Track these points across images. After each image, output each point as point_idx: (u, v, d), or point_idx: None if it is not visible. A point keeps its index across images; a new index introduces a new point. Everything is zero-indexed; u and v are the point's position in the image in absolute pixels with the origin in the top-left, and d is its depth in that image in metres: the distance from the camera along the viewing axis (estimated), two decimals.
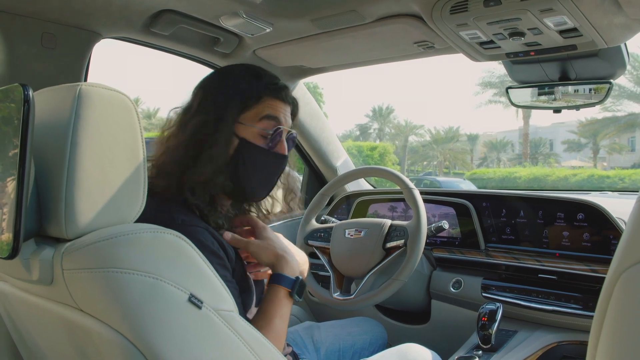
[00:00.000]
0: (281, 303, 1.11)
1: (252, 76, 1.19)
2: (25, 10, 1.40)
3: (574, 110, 1.69)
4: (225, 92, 1.15)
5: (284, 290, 1.12)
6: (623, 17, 1.27)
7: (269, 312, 1.10)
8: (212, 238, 1.03)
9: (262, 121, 1.16)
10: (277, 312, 1.10)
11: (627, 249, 0.54)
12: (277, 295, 1.12)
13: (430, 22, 1.42)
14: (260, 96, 1.16)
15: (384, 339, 1.77)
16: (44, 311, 0.92)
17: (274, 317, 1.09)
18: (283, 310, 1.11)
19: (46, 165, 0.82)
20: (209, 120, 1.12)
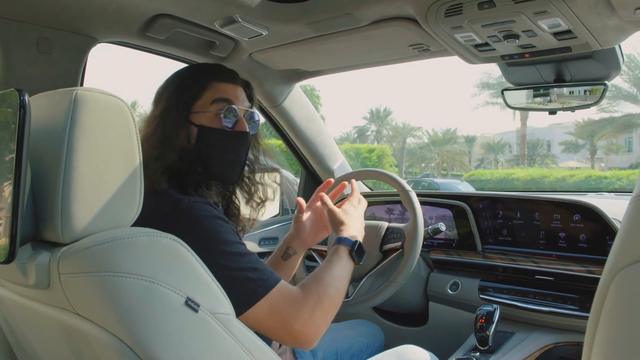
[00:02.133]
0: (342, 258, 1.20)
1: (198, 68, 1.28)
2: (21, 15, 1.41)
3: (570, 111, 1.69)
4: (177, 86, 1.22)
5: (345, 248, 1.22)
6: (616, 19, 1.28)
7: (332, 261, 1.18)
8: (216, 210, 1.07)
9: (213, 105, 1.21)
10: (338, 263, 1.18)
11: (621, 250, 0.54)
12: (338, 251, 1.22)
13: (425, 25, 1.42)
14: (205, 82, 1.22)
15: (381, 341, 1.77)
16: (40, 315, 0.92)
17: (335, 266, 1.17)
18: (343, 262, 1.19)
19: (42, 169, 0.82)
20: (165, 112, 1.19)
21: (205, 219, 1.02)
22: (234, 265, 1.00)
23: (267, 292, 1.01)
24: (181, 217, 1.01)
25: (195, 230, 0.99)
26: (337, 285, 1.13)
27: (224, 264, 0.98)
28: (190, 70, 1.27)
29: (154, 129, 1.18)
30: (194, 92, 1.21)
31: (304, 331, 1.03)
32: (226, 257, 1.00)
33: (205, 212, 1.03)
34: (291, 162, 3.01)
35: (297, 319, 1.02)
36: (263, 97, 2.17)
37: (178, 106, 1.19)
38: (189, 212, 1.02)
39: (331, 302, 1.09)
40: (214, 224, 1.02)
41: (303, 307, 1.04)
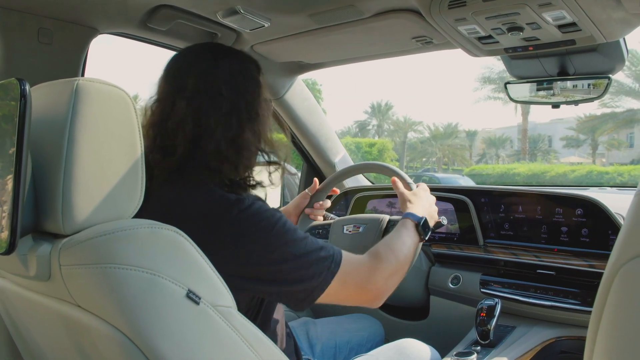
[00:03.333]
0: (409, 229, 1.28)
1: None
2: (21, 5, 1.40)
3: (573, 105, 1.68)
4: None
5: (411, 222, 1.30)
6: (622, 12, 1.27)
7: (400, 231, 1.26)
8: (266, 204, 1.07)
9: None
10: (406, 234, 1.26)
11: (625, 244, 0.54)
12: (406, 223, 1.29)
13: (429, 17, 1.41)
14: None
15: (381, 335, 1.77)
16: (41, 307, 0.92)
17: (403, 235, 1.25)
18: (410, 234, 1.27)
19: (43, 160, 0.82)
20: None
21: (260, 215, 1.01)
22: (304, 250, 1.01)
23: (339, 266, 1.05)
24: (235, 218, 0.99)
25: (253, 227, 0.98)
26: (404, 250, 1.21)
27: (295, 252, 1.00)
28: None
29: (158, 116, 1.11)
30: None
31: (374, 291, 1.12)
32: (295, 245, 1.01)
33: (258, 207, 1.01)
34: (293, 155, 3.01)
35: (368, 281, 1.10)
36: None
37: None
38: (243, 212, 0.99)
39: (399, 264, 1.17)
40: (270, 217, 1.01)
41: (373, 268, 1.11)
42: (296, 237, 1.02)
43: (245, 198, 1.02)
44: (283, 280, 1.00)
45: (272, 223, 1.00)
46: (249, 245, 0.97)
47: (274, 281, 1.00)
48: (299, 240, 1.02)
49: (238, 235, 0.97)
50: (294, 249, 1.00)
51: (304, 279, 1.00)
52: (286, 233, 1.01)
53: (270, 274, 0.99)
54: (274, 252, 0.98)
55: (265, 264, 0.98)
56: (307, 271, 1.00)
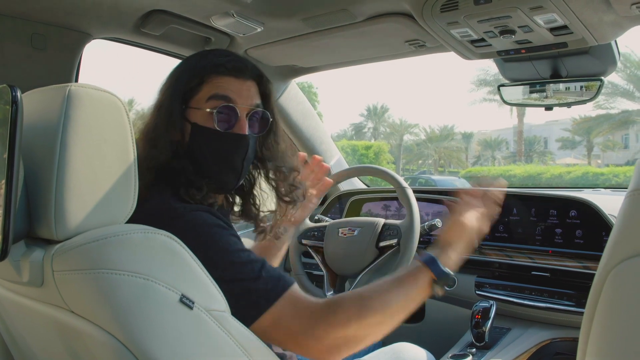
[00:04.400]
0: (418, 282, 1.02)
1: (199, 57, 1.12)
2: (15, 11, 1.40)
3: (566, 107, 1.69)
4: (176, 78, 1.10)
5: (428, 273, 1.04)
6: (613, 15, 1.27)
7: (402, 279, 1.02)
8: (215, 217, 0.98)
9: (209, 102, 1.07)
10: (410, 285, 1.01)
11: (616, 245, 0.54)
12: (417, 274, 1.04)
13: (421, 21, 1.42)
14: (203, 76, 1.08)
15: None
16: (35, 313, 0.91)
17: (403, 286, 1.00)
18: (418, 285, 1.02)
19: (36, 166, 0.82)
20: (161, 108, 1.08)
21: (201, 228, 0.94)
22: (233, 276, 0.92)
23: (271, 304, 0.91)
24: (176, 228, 0.89)
25: (192, 242, 0.88)
26: (392, 304, 0.98)
27: (224, 277, 0.90)
28: (193, 59, 1.12)
29: (148, 124, 1.09)
30: (191, 85, 1.08)
31: (316, 346, 0.92)
32: (225, 269, 0.91)
33: (201, 220, 0.95)
34: None
35: (308, 332, 0.92)
36: None
37: (172, 100, 1.07)
38: (183, 223, 0.94)
39: (372, 323, 0.95)
40: (210, 232, 0.94)
41: (319, 319, 0.92)
42: (229, 259, 0.93)
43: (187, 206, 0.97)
44: (227, 285, 0.90)
45: (207, 238, 0.94)
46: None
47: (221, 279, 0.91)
48: (232, 264, 0.93)
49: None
50: (222, 272, 0.91)
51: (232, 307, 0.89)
52: (218, 251, 0.93)
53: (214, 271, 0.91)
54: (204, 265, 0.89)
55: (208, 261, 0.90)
56: (231, 299, 0.89)
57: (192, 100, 1.09)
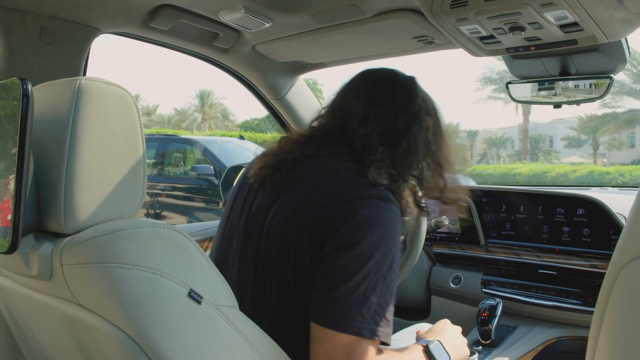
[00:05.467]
0: (413, 352, 1.05)
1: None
2: (24, 5, 1.40)
3: (574, 105, 1.68)
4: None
5: (419, 346, 1.08)
6: (624, 11, 1.26)
7: (403, 353, 1.05)
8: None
9: None
10: (409, 355, 1.04)
11: (627, 244, 0.54)
12: (411, 348, 1.07)
13: (430, 17, 1.41)
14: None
15: None
16: (43, 306, 0.92)
17: (405, 356, 1.03)
18: (414, 356, 1.04)
19: (45, 159, 0.82)
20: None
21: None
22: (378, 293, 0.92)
23: (373, 336, 0.90)
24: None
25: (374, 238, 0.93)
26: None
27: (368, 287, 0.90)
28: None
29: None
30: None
31: None
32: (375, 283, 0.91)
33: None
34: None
35: None
36: (266, 89, 2.16)
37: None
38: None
39: None
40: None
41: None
42: (390, 277, 0.93)
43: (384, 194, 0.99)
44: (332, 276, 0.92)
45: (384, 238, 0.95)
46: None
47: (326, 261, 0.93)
48: (389, 284, 0.93)
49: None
50: (376, 282, 0.91)
51: (344, 307, 0.90)
52: (388, 261, 0.93)
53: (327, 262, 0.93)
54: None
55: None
56: (361, 305, 0.90)
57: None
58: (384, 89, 1.14)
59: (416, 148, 1.08)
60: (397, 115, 1.09)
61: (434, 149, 1.11)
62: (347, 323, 0.89)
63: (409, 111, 1.10)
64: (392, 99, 1.12)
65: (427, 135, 1.10)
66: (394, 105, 1.10)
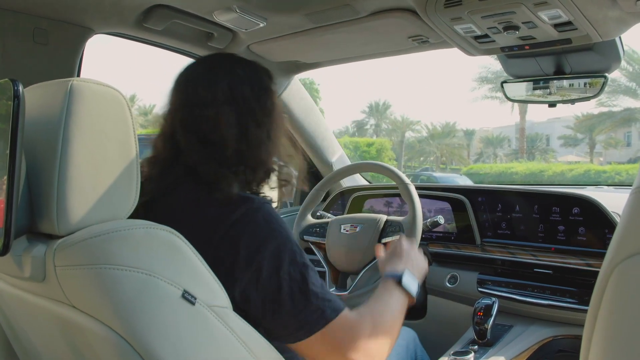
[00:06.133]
0: (389, 289, 1.13)
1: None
2: (16, 5, 1.39)
3: (569, 104, 1.69)
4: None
5: (391, 280, 1.15)
6: (617, 11, 1.27)
7: (379, 292, 1.12)
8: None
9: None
10: (387, 294, 1.11)
11: (621, 242, 0.54)
12: (386, 285, 1.14)
13: (425, 16, 1.41)
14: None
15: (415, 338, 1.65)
16: (36, 308, 0.91)
17: (384, 296, 1.11)
18: (393, 293, 1.12)
19: (38, 161, 0.82)
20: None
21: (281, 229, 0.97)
22: (314, 280, 0.95)
23: (337, 313, 0.95)
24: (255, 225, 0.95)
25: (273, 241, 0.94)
26: (390, 313, 1.08)
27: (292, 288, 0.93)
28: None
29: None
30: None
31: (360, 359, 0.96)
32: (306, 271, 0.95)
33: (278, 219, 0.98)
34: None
35: (353, 347, 0.95)
36: None
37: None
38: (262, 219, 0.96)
39: (387, 330, 1.04)
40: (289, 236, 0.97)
41: (359, 332, 0.97)
42: (308, 263, 0.96)
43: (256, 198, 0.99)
44: (281, 304, 0.92)
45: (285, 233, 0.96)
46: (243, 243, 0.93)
47: (273, 302, 0.93)
48: (309, 268, 0.96)
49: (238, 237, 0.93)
50: (300, 270, 0.94)
51: (301, 309, 0.93)
52: (296, 251, 0.96)
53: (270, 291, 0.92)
54: (282, 266, 0.93)
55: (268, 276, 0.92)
56: (306, 300, 0.92)
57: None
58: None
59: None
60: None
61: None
62: (310, 325, 0.93)
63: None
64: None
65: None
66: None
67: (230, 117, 1.03)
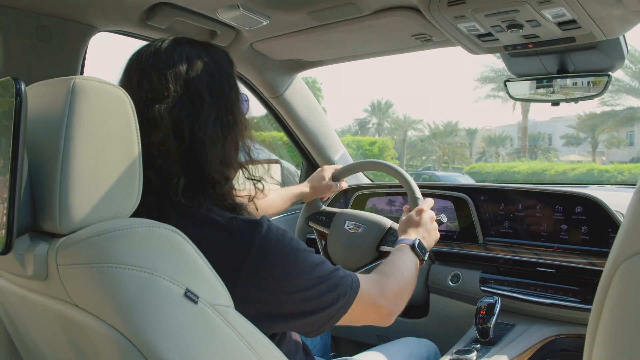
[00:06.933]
0: (404, 252, 1.28)
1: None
2: (20, 3, 1.39)
3: (572, 103, 1.68)
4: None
5: (405, 245, 1.31)
6: (621, 9, 1.26)
7: (395, 254, 1.27)
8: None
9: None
10: (402, 255, 1.27)
11: (624, 241, 0.54)
12: (401, 248, 1.30)
13: (428, 15, 1.41)
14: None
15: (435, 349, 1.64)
16: (39, 307, 0.91)
17: (399, 257, 1.26)
18: (407, 255, 1.28)
19: (40, 159, 0.82)
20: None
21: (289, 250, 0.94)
22: (327, 271, 0.97)
23: (359, 284, 1.03)
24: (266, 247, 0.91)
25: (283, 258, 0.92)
26: (405, 270, 1.21)
27: (322, 275, 0.96)
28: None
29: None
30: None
31: (387, 307, 1.10)
32: (318, 268, 0.96)
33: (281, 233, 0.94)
34: (292, 154, 3.00)
35: (380, 298, 1.08)
36: (264, 88, 2.16)
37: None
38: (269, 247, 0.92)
39: (405, 281, 1.18)
40: (299, 252, 0.95)
41: (383, 285, 1.10)
42: (316, 259, 0.97)
43: (262, 221, 0.92)
44: (309, 311, 0.94)
45: (294, 248, 0.94)
46: (273, 275, 0.91)
47: (299, 314, 0.94)
48: (320, 263, 0.97)
49: (261, 265, 0.90)
50: (318, 272, 0.95)
51: (331, 302, 0.96)
52: (308, 256, 0.96)
53: (295, 306, 0.93)
54: (300, 278, 0.93)
55: (290, 293, 0.92)
56: (332, 293, 0.95)
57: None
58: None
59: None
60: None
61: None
62: (341, 298, 0.98)
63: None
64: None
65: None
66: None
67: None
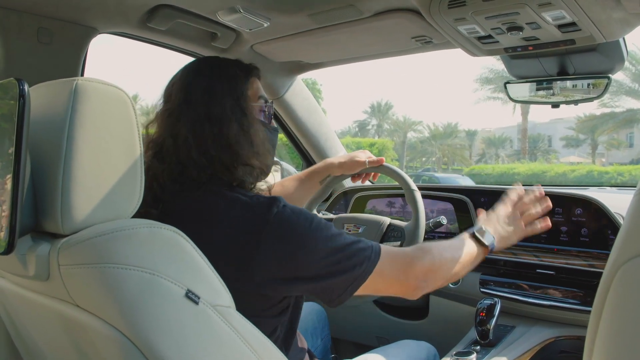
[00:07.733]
0: (463, 238, 1.25)
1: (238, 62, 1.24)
2: (21, 5, 1.40)
3: (572, 105, 1.68)
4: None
5: (467, 233, 1.28)
6: (622, 11, 1.26)
7: (453, 239, 1.25)
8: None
9: (260, 100, 1.24)
10: (459, 240, 1.24)
11: (624, 243, 0.54)
12: (461, 234, 1.27)
13: (428, 17, 1.41)
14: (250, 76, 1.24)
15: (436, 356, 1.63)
16: (40, 307, 0.92)
17: (455, 241, 1.24)
18: (465, 241, 1.24)
19: (42, 160, 0.82)
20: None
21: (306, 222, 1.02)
22: (344, 242, 1.03)
23: (379, 256, 1.06)
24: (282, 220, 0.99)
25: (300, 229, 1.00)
26: (453, 251, 1.20)
27: (337, 245, 1.01)
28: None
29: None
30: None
31: (412, 281, 1.11)
32: (335, 239, 1.02)
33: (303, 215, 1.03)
34: (292, 155, 3.00)
35: (406, 272, 1.10)
36: (264, 89, 2.15)
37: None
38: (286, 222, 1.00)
39: (443, 261, 1.16)
40: (310, 217, 1.03)
41: (412, 260, 1.11)
42: (334, 231, 1.03)
43: (280, 198, 1.02)
44: (325, 274, 1.00)
45: (310, 220, 1.01)
46: (289, 245, 0.98)
47: (315, 277, 1.00)
48: (337, 234, 1.03)
49: (278, 236, 0.97)
50: (335, 242, 1.01)
51: (346, 269, 1.01)
52: (324, 228, 1.02)
53: (311, 270, 0.99)
54: (315, 248, 0.99)
55: (307, 261, 0.99)
56: (348, 262, 1.01)
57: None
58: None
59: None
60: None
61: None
62: (357, 267, 1.03)
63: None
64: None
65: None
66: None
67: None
